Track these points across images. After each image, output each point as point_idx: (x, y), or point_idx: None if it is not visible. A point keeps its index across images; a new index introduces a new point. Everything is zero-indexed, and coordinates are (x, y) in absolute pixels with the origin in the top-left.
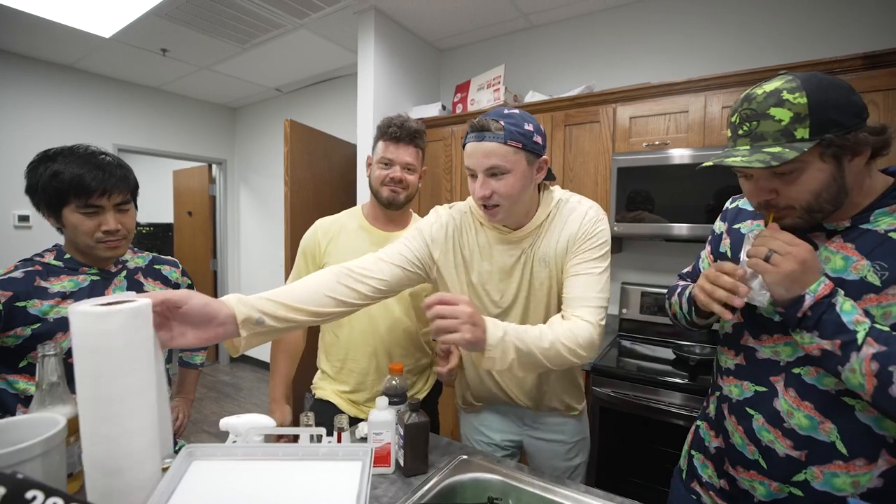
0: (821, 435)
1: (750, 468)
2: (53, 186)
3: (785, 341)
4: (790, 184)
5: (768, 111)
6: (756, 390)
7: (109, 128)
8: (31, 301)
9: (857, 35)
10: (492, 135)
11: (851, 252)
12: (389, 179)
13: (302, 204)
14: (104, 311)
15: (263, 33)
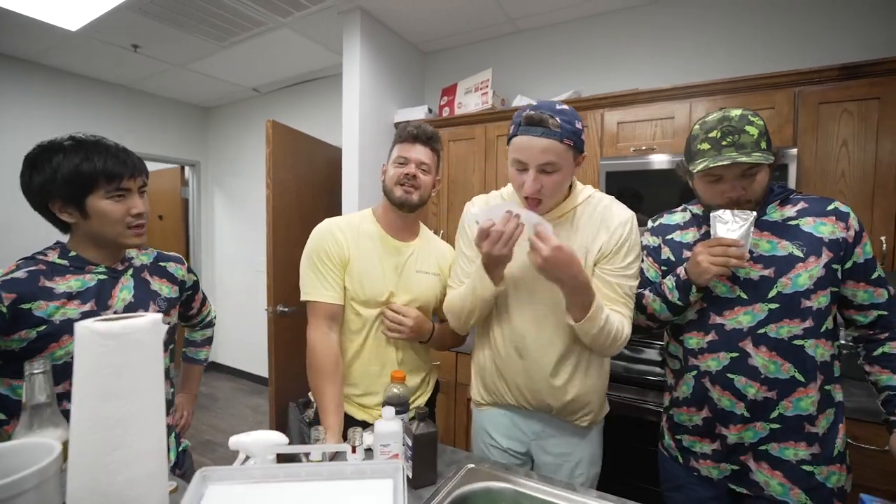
0: (783, 374)
1: (738, 423)
2: (81, 175)
3: (744, 311)
4: (753, 182)
5: (745, 128)
6: (731, 357)
7: (73, 127)
8: (37, 303)
9: (834, 47)
10: (549, 132)
11: (770, 237)
12: (404, 176)
13: (284, 207)
14: (119, 327)
15: (244, 31)
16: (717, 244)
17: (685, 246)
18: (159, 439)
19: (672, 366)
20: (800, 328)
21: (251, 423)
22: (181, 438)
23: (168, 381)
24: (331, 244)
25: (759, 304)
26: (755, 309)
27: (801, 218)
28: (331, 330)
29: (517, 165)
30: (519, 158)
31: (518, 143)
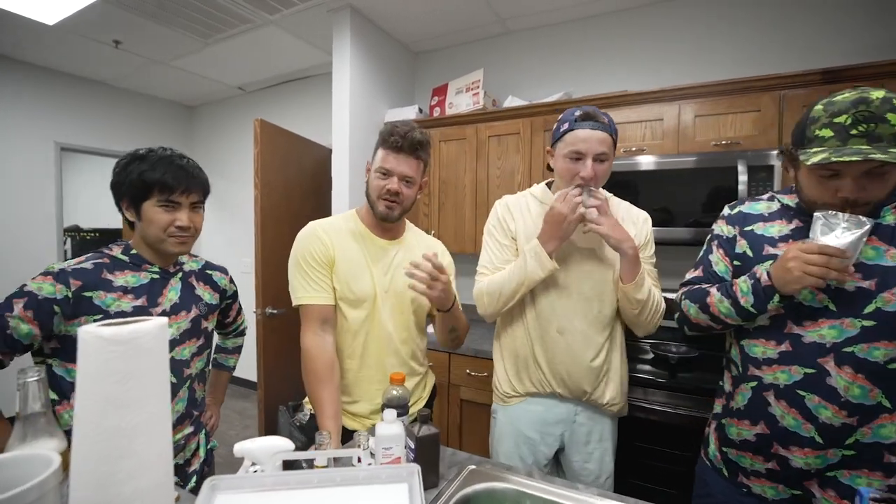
0: (869, 400)
1: (805, 446)
2: (142, 181)
3: (829, 325)
4: (882, 186)
5: (885, 115)
6: (805, 373)
7: (51, 124)
8: (97, 292)
9: (819, 51)
10: (603, 125)
11: (877, 242)
12: (386, 192)
13: (272, 207)
14: (127, 332)
15: (230, 28)
16: (818, 251)
17: (768, 241)
18: (166, 448)
19: (732, 372)
20: None
21: (238, 427)
22: (210, 438)
23: (203, 383)
24: (315, 246)
25: (850, 320)
26: (844, 324)
27: None
28: (325, 332)
29: (573, 156)
30: (578, 149)
31: (576, 135)
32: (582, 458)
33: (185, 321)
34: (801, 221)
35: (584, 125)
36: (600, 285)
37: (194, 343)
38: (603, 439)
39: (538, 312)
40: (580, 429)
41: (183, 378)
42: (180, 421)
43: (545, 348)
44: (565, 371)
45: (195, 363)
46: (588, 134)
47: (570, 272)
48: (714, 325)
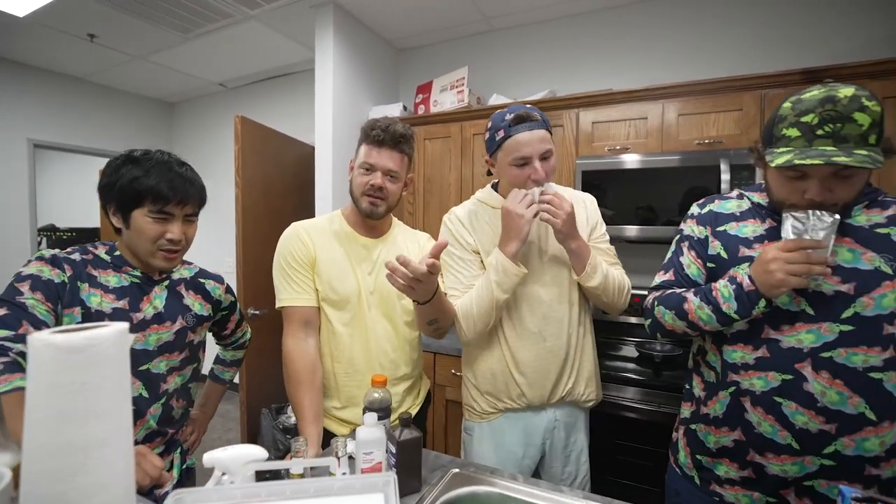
0: (849, 408)
1: (781, 453)
2: (133, 189)
3: (807, 329)
4: (848, 187)
5: (853, 115)
6: (783, 379)
7: (23, 120)
8: (84, 284)
9: (801, 52)
10: (539, 123)
11: (853, 245)
12: (369, 187)
13: (253, 206)
14: (82, 339)
15: (209, 22)
16: (795, 247)
17: (743, 242)
18: (126, 464)
19: (707, 377)
20: (879, 359)
21: (220, 430)
22: (188, 456)
23: (185, 399)
24: (296, 246)
25: (828, 324)
26: (822, 328)
27: (893, 226)
28: (307, 335)
29: (518, 162)
30: (522, 154)
31: (517, 140)
32: (561, 462)
33: (166, 332)
34: (773, 221)
35: (522, 128)
36: (561, 278)
37: (175, 357)
38: (579, 438)
39: (512, 323)
40: (559, 434)
41: (158, 393)
42: (149, 439)
43: (525, 356)
44: (544, 377)
45: (174, 378)
46: (528, 136)
47: (533, 274)
48: (690, 331)
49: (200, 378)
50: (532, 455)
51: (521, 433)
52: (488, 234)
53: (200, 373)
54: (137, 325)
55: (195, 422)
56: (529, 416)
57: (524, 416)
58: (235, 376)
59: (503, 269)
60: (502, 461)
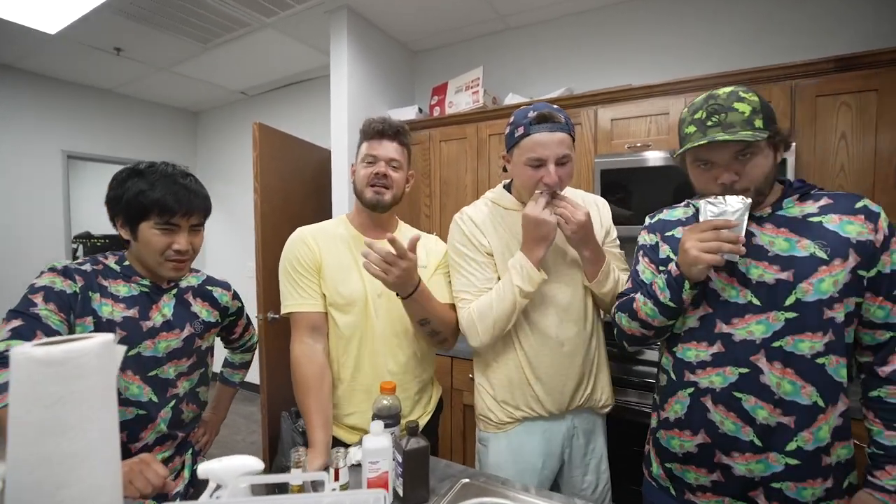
0: (803, 398)
1: (745, 451)
2: (139, 202)
3: (756, 320)
4: (749, 167)
5: (733, 105)
6: (740, 373)
7: (57, 133)
8: (95, 294)
9: (831, 39)
10: (560, 125)
11: (788, 234)
12: (373, 176)
13: (272, 211)
14: (61, 352)
15: (227, 32)
16: (707, 227)
17: None
18: (113, 475)
19: (660, 380)
20: (822, 343)
21: (244, 432)
22: (200, 457)
23: (195, 403)
24: (302, 251)
25: (774, 313)
26: (770, 318)
27: (824, 215)
28: (314, 341)
29: (533, 163)
30: (537, 156)
31: (534, 140)
32: (581, 471)
33: (175, 340)
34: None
35: (542, 128)
36: (578, 281)
37: (184, 363)
38: (598, 445)
39: (534, 329)
40: (578, 442)
41: (167, 398)
42: (160, 442)
43: (541, 367)
44: (563, 383)
45: (182, 383)
46: (547, 137)
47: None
48: (646, 331)
49: (209, 382)
50: (552, 466)
51: (541, 443)
52: (501, 236)
53: (209, 377)
54: (147, 333)
55: (207, 424)
56: (548, 425)
57: (543, 424)
58: (244, 378)
59: (527, 274)
60: (521, 473)
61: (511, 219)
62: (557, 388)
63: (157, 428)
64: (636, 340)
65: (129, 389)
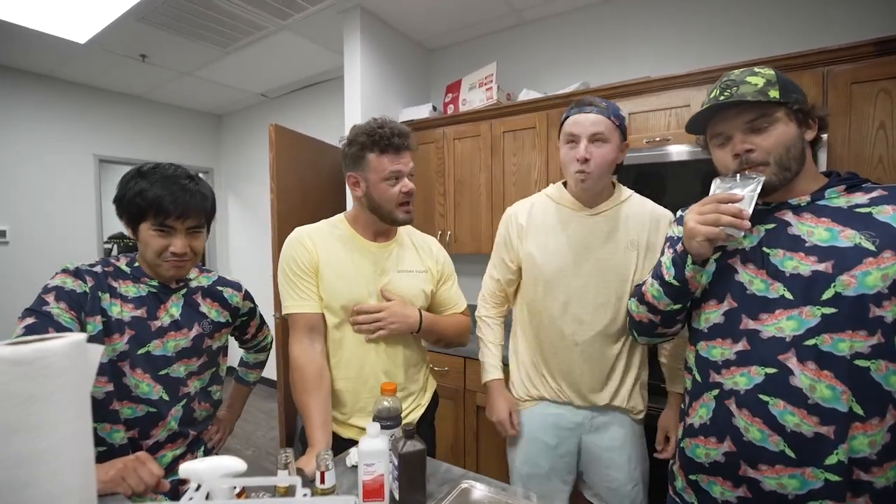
0: (843, 405)
1: (775, 462)
2: (136, 203)
3: (787, 315)
4: (766, 138)
5: (745, 79)
6: (766, 373)
7: (90, 137)
8: (105, 294)
9: (865, 22)
10: (598, 108)
11: (831, 224)
12: (403, 196)
13: (289, 212)
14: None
15: (245, 36)
16: (709, 200)
17: None
18: (83, 475)
19: (687, 384)
20: (866, 345)
21: (265, 428)
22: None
23: (208, 401)
24: (299, 252)
25: (809, 308)
26: (803, 313)
27: (875, 206)
28: (312, 341)
29: (569, 139)
30: (571, 132)
31: (571, 120)
32: (604, 463)
33: (184, 339)
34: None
35: (577, 110)
36: (605, 283)
37: (194, 362)
38: (626, 445)
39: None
40: (598, 434)
41: (178, 396)
42: (171, 440)
43: (553, 359)
44: (577, 380)
45: (193, 382)
46: (580, 117)
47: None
48: (652, 316)
49: (222, 381)
50: (568, 450)
51: (554, 424)
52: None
53: (222, 376)
54: (156, 332)
55: (221, 422)
56: (564, 409)
57: (559, 407)
58: (259, 377)
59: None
60: (533, 450)
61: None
62: (572, 385)
63: (167, 425)
64: (644, 329)
65: (140, 387)
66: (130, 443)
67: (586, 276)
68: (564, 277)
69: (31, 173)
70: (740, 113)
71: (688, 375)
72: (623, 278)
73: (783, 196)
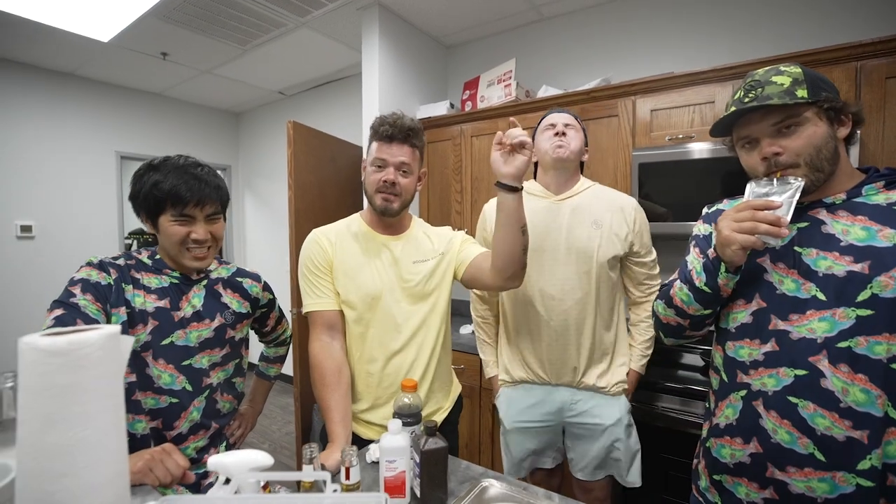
0: (878, 410)
1: (804, 465)
2: (154, 195)
3: (819, 316)
4: (794, 139)
5: (771, 79)
6: (796, 375)
7: (112, 135)
8: (128, 286)
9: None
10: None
11: (868, 223)
12: (382, 183)
13: (307, 208)
14: (65, 342)
15: (265, 33)
16: (744, 207)
17: None
18: (118, 465)
19: (713, 384)
20: None
21: (280, 422)
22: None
23: (231, 393)
24: (315, 251)
25: (844, 310)
26: (837, 315)
27: None
28: (331, 338)
29: (547, 128)
30: (551, 122)
31: (548, 117)
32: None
33: (206, 330)
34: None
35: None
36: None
37: (217, 353)
38: (610, 423)
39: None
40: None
41: (201, 387)
42: (194, 431)
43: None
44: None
45: (216, 373)
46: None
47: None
48: (681, 320)
49: (244, 373)
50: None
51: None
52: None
53: (244, 368)
54: (179, 323)
55: (243, 417)
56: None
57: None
58: (280, 372)
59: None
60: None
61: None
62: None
63: (189, 416)
64: (672, 331)
65: (163, 378)
66: (153, 433)
67: (553, 252)
68: (536, 256)
69: (55, 170)
70: (766, 115)
71: (714, 375)
72: (588, 254)
73: (817, 194)
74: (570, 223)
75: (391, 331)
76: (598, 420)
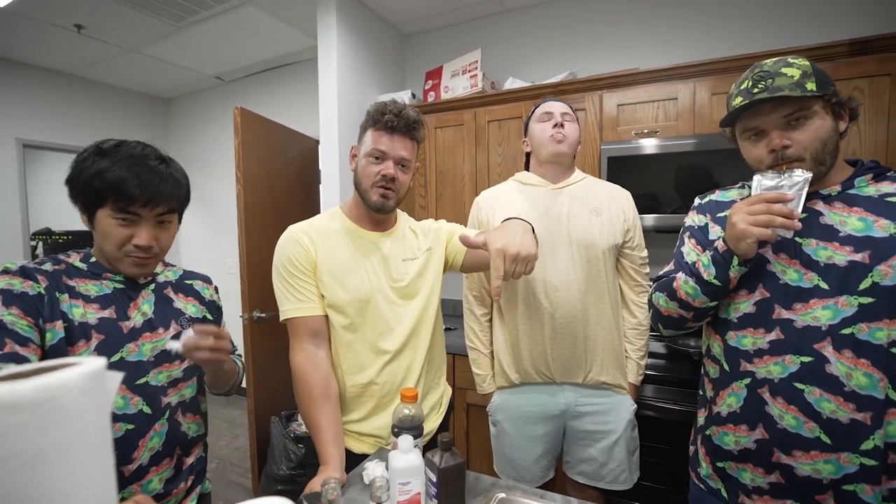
0: (880, 392)
1: (810, 448)
2: (94, 185)
3: (822, 305)
4: (803, 132)
5: (780, 70)
6: (802, 362)
7: (10, 119)
8: (63, 295)
9: (844, 21)
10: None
11: (864, 213)
12: (381, 178)
13: (256, 203)
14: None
15: (203, 9)
16: (758, 200)
17: None
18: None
19: (711, 373)
20: None
21: (227, 437)
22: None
23: (196, 413)
24: (295, 250)
25: (846, 298)
26: (839, 303)
27: None
28: (316, 347)
29: (543, 117)
30: (547, 111)
31: (544, 105)
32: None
33: (161, 340)
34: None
35: (549, 99)
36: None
37: (176, 366)
38: (609, 423)
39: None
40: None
41: (160, 408)
42: (156, 462)
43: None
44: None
45: (177, 391)
46: (554, 104)
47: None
48: (684, 312)
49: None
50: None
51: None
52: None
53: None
54: (128, 335)
55: None
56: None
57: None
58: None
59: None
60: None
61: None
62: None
63: (148, 444)
64: (673, 323)
65: (115, 402)
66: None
67: (554, 240)
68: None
69: None
70: (777, 107)
71: (712, 364)
72: (591, 241)
73: (813, 186)
74: (570, 210)
75: (384, 334)
76: (603, 427)
